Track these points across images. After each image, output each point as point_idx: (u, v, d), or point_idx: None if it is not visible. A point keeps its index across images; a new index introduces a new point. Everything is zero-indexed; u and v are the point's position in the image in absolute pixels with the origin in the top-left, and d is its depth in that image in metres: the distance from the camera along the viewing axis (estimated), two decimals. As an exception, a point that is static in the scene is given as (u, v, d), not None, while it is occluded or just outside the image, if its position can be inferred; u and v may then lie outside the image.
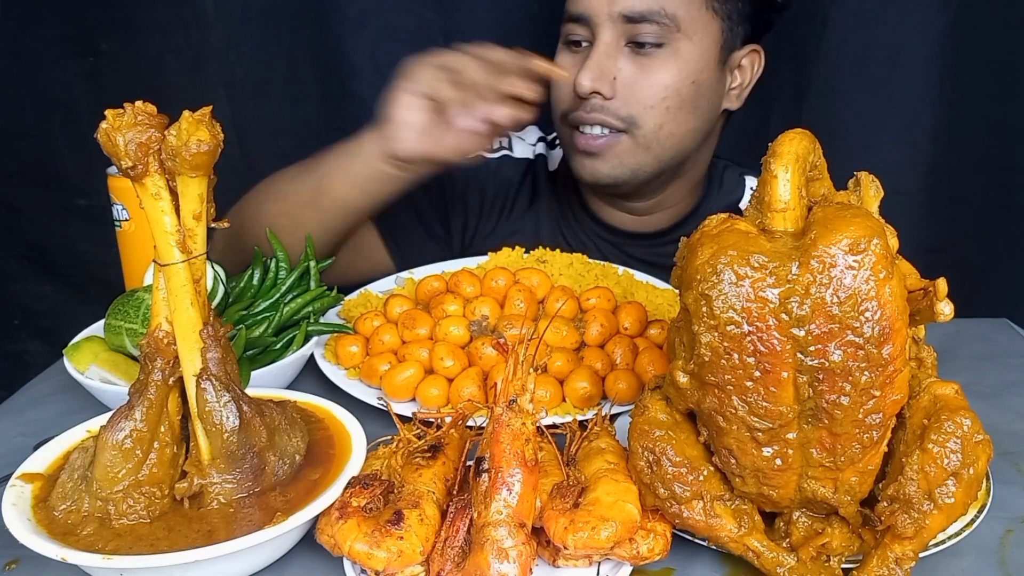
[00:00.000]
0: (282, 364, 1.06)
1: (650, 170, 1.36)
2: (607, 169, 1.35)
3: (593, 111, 1.31)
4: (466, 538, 0.72)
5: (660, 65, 1.29)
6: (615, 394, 1.01)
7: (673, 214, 1.49)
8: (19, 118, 1.85)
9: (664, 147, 1.34)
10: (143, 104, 0.72)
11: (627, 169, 1.35)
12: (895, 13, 1.63)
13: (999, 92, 1.66)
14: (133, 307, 1.06)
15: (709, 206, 1.49)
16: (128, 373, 1.05)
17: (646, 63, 1.29)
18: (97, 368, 1.05)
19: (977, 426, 0.70)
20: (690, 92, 1.31)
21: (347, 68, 1.76)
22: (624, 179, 1.36)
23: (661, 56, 1.29)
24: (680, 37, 1.28)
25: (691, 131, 1.35)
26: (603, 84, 1.29)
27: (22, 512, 0.75)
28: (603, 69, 1.29)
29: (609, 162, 1.35)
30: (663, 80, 1.29)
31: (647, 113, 1.30)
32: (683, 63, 1.30)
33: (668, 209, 1.48)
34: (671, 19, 1.27)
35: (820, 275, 0.66)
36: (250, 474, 0.78)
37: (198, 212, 0.74)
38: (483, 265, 1.27)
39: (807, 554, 0.73)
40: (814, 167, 0.74)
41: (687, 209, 1.49)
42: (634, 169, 1.35)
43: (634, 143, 1.33)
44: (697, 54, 1.30)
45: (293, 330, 1.10)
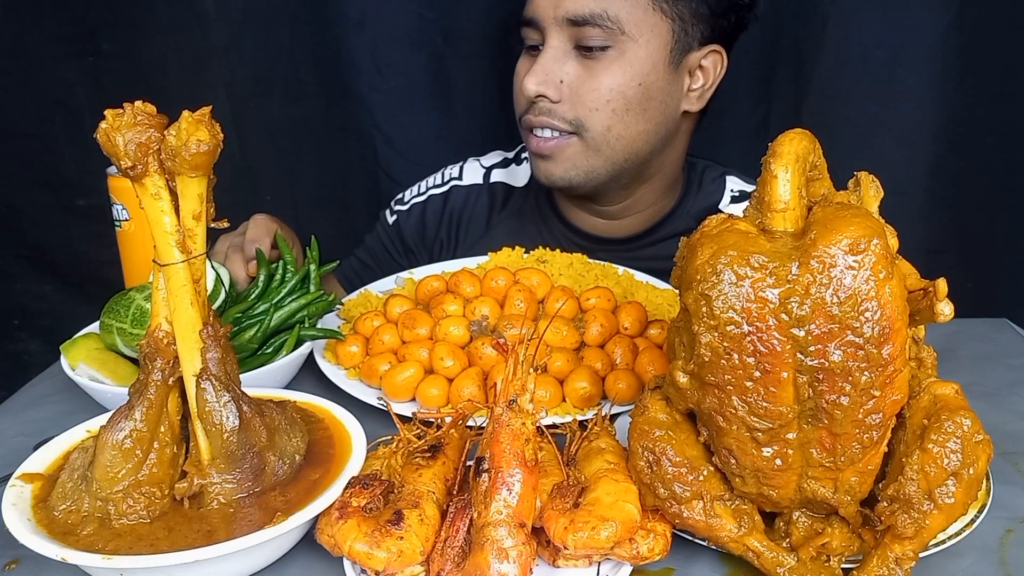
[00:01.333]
0: (269, 369, 1.05)
1: (604, 172, 1.36)
2: (560, 172, 1.37)
3: (541, 114, 1.33)
4: (466, 538, 0.72)
5: (604, 68, 1.30)
6: (615, 394, 1.01)
7: (646, 218, 1.49)
8: (19, 118, 1.85)
9: (614, 149, 1.34)
10: (143, 104, 0.72)
11: (580, 171, 1.36)
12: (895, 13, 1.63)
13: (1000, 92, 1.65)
14: (124, 306, 1.07)
15: (686, 209, 1.49)
16: (116, 372, 1.05)
17: (592, 66, 1.30)
18: (85, 366, 1.06)
19: (977, 426, 0.70)
20: (637, 94, 1.31)
21: (347, 68, 1.76)
22: (579, 182, 1.37)
23: (606, 59, 1.30)
24: (625, 39, 1.29)
25: (642, 133, 1.35)
26: (549, 88, 1.31)
27: (22, 512, 0.75)
28: (549, 72, 1.31)
29: (562, 164, 1.36)
30: (607, 83, 1.30)
31: (593, 116, 1.31)
32: (628, 65, 1.30)
33: (640, 213, 1.48)
34: (614, 22, 1.27)
35: (820, 275, 0.66)
36: (250, 474, 0.78)
37: (198, 212, 0.74)
38: (483, 265, 1.27)
39: (807, 554, 0.73)
40: (814, 167, 0.74)
41: (661, 212, 1.49)
42: (587, 171, 1.36)
43: (584, 145, 1.34)
44: (643, 56, 1.30)
45: (286, 334, 1.10)
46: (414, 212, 1.60)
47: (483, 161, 1.61)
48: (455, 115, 1.81)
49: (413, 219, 1.60)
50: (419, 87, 1.79)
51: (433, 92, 1.79)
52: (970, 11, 1.60)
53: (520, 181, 1.58)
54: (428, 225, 1.59)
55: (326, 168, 1.87)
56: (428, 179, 1.62)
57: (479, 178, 1.59)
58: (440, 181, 1.61)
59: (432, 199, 1.59)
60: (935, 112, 1.68)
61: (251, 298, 1.14)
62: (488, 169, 1.60)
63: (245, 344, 1.08)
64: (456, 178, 1.60)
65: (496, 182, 1.59)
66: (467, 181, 1.58)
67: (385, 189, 1.81)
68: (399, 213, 1.62)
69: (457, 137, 1.81)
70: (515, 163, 1.60)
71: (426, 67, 1.77)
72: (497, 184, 1.58)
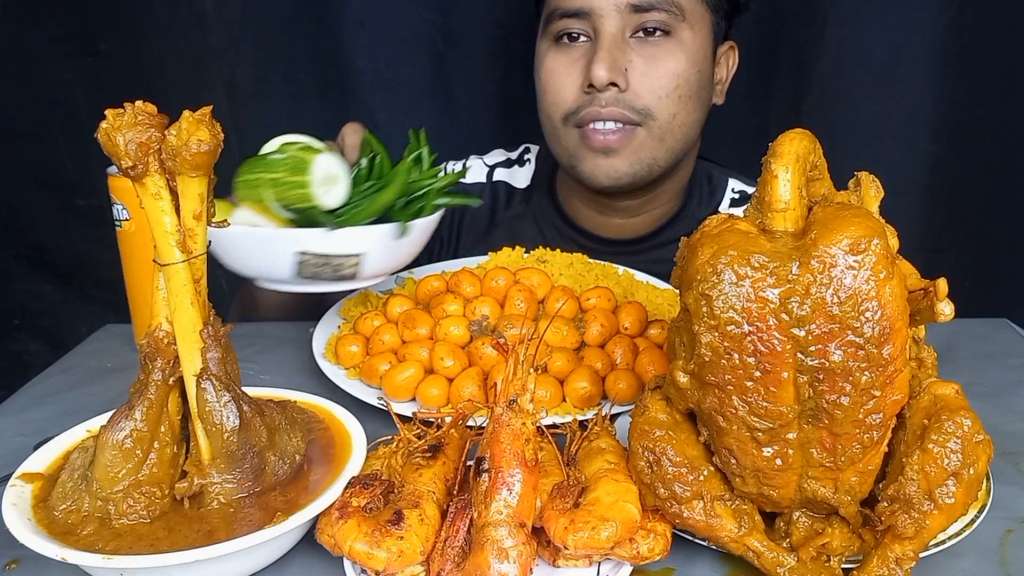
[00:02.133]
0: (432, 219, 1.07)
1: (664, 163, 1.35)
2: (626, 166, 1.33)
3: (609, 104, 1.29)
4: (466, 538, 0.72)
5: (668, 53, 1.29)
6: (615, 394, 1.01)
7: (655, 218, 1.48)
8: (19, 118, 1.85)
9: (677, 138, 1.33)
10: (143, 104, 0.72)
11: (644, 164, 1.34)
12: (895, 13, 1.63)
13: (1000, 92, 1.66)
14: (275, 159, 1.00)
15: (691, 211, 1.48)
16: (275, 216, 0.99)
17: (654, 52, 1.28)
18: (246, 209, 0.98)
19: (977, 426, 0.70)
20: (696, 81, 1.31)
21: (347, 68, 1.76)
22: (642, 175, 1.35)
23: (668, 45, 1.28)
24: (684, 26, 1.28)
25: (697, 121, 1.35)
26: (618, 75, 1.27)
27: (22, 512, 0.75)
28: (616, 60, 1.27)
29: (627, 158, 1.33)
30: (674, 68, 1.28)
31: (661, 103, 1.29)
32: (689, 51, 1.30)
33: (652, 212, 1.47)
34: (677, 7, 1.27)
35: (820, 275, 0.66)
36: (250, 474, 0.78)
37: (198, 212, 0.74)
38: (483, 265, 1.27)
39: (807, 554, 0.73)
40: (814, 167, 0.74)
41: (669, 213, 1.48)
42: (650, 163, 1.34)
43: (649, 135, 1.31)
44: (698, 43, 1.31)
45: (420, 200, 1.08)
46: None
47: (486, 159, 1.60)
48: (455, 115, 1.82)
49: None
50: (419, 87, 1.79)
51: (433, 92, 1.80)
52: (970, 11, 1.60)
53: (521, 183, 1.57)
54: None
55: (326, 168, 1.87)
56: None
57: (482, 176, 1.58)
58: None
59: None
60: (935, 112, 1.69)
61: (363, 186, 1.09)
62: (491, 168, 1.59)
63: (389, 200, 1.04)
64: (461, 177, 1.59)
65: (499, 181, 1.58)
66: (470, 179, 1.57)
67: (385, 189, 1.81)
68: None
69: (457, 137, 1.81)
70: (517, 164, 1.59)
71: (426, 67, 1.77)
72: (500, 183, 1.57)
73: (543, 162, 1.57)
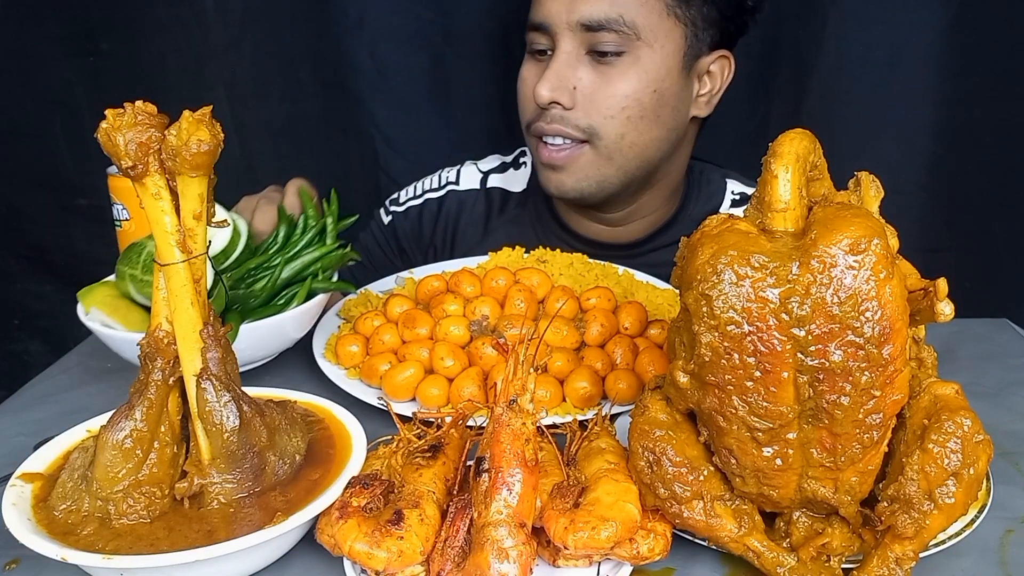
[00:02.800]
0: (280, 319, 1.05)
1: (616, 181, 1.35)
2: (572, 182, 1.35)
3: (553, 121, 1.31)
4: (466, 538, 0.72)
5: (620, 74, 1.28)
6: (615, 394, 1.01)
7: (649, 223, 1.48)
8: (19, 118, 1.85)
9: (627, 157, 1.33)
10: (143, 104, 0.72)
11: (592, 182, 1.34)
12: (895, 13, 1.63)
13: (1000, 92, 1.65)
14: (136, 253, 1.07)
15: (688, 214, 1.48)
16: (127, 319, 1.05)
17: (606, 72, 1.28)
18: (97, 311, 1.06)
19: (977, 426, 0.70)
20: (651, 101, 1.30)
21: (347, 68, 1.76)
22: (591, 192, 1.35)
23: (621, 65, 1.28)
24: (640, 45, 1.27)
25: (654, 140, 1.33)
26: (562, 94, 1.28)
27: (22, 512, 0.75)
28: (562, 78, 1.28)
29: (574, 175, 1.34)
30: (623, 89, 1.28)
31: (607, 123, 1.29)
32: (643, 72, 1.28)
33: (644, 218, 1.47)
34: (630, 27, 1.26)
35: (820, 275, 0.66)
36: (250, 474, 0.78)
37: (198, 212, 0.74)
38: (483, 265, 1.27)
39: (807, 554, 0.73)
40: (814, 167, 0.74)
41: (664, 217, 1.48)
42: (599, 181, 1.34)
43: (596, 154, 1.32)
44: (658, 62, 1.29)
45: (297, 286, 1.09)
46: (410, 214, 1.59)
47: (480, 165, 1.60)
48: (455, 115, 1.82)
49: (409, 221, 1.59)
50: (419, 87, 1.79)
51: (433, 92, 1.79)
52: (969, 11, 1.60)
53: (517, 186, 1.57)
54: (424, 229, 1.58)
55: (326, 168, 1.87)
56: (424, 181, 1.61)
57: (476, 183, 1.58)
58: (437, 185, 1.59)
59: (428, 203, 1.58)
60: (935, 112, 1.69)
61: (270, 252, 1.13)
62: (485, 174, 1.59)
63: (256, 293, 1.07)
64: (453, 183, 1.58)
65: (493, 187, 1.57)
66: (464, 186, 1.57)
67: (385, 189, 1.81)
68: (395, 214, 1.61)
69: (457, 137, 1.81)
70: (513, 167, 1.58)
71: (426, 67, 1.77)
72: (494, 189, 1.57)
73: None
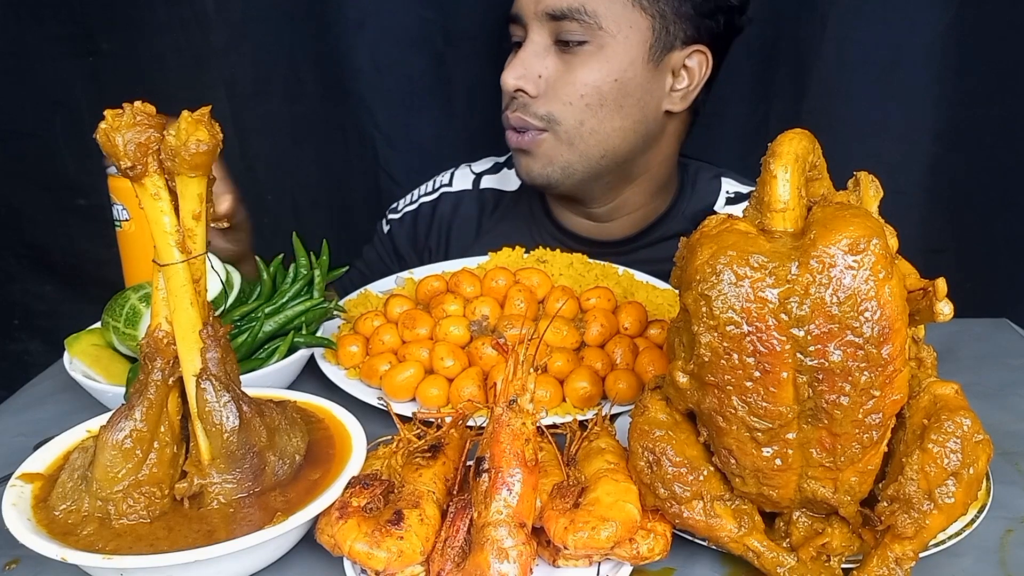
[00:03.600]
0: (261, 374, 1.04)
1: (581, 169, 1.36)
2: (538, 168, 1.37)
3: (517, 110, 1.33)
4: (466, 538, 0.72)
5: (581, 63, 1.30)
6: (615, 394, 1.01)
7: (638, 220, 1.48)
8: (19, 118, 1.84)
9: (588, 144, 1.34)
10: (142, 104, 0.72)
11: (556, 167, 1.36)
12: (895, 13, 1.63)
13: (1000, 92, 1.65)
14: (119, 305, 1.07)
15: (680, 211, 1.48)
16: (108, 370, 1.06)
17: (570, 60, 1.30)
18: (79, 362, 1.07)
19: (977, 426, 0.70)
20: (612, 90, 1.31)
21: (347, 68, 1.76)
22: (557, 178, 1.37)
23: (584, 54, 1.30)
24: (603, 35, 1.29)
25: (617, 130, 1.34)
26: (528, 83, 1.31)
27: (22, 512, 0.75)
28: (528, 67, 1.31)
29: (539, 160, 1.36)
30: (583, 77, 1.30)
31: (566, 110, 1.31)
32: (605, 61, 1.30)
33: (631, 215, 1.47)
34: (592, 17, 1.28)
35: (820, 275, 0.66)
36: (250, 474, 0.78)
37: (198, 212, 0.74)
38: (483, 265, 1.27)
39: (807, 554, 0.73)
40: (814, 167, 0.74)
41: (655, 214, 1.48)
42: (563, 167, 1.36)
43: (556, 140, 1.34)
44: (621, 52, 1.30)
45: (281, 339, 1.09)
46: (406, 220, 1.61)
47: (474, 167, 1.61)
48: (455, 115, 1.81)
49: (405, 227, 1.60)
50: (419, 87, 1.79)
51: (433, 92, 1.79)
52: (969, 11, 1.60)
53: (511, 185, 1.57)
54: (419, 232, 1.59)
55: (326, 168, 1.87)
56: (421, 187, 1.63)
57: (468, 184, 1.59)
58: (431, 189, 1.61)
59: (423, 207, 1.60)
60: (934, 112, 1.68)
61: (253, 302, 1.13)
62: (478, 175, 1.60)
63: (236, 347, 1.07)
64: (446, 185, 1.60)
65: (486, 188, 1.58)
66: (456, 187, 1.58)
67: (385, 189, 1.81)
68: (392, 222, 1.62)
69: (457, 137, 1.81)
70: (506, 167, 1.59)
71: (426, 67, 1.77)
72: (487, 190, 1.58)
73: None
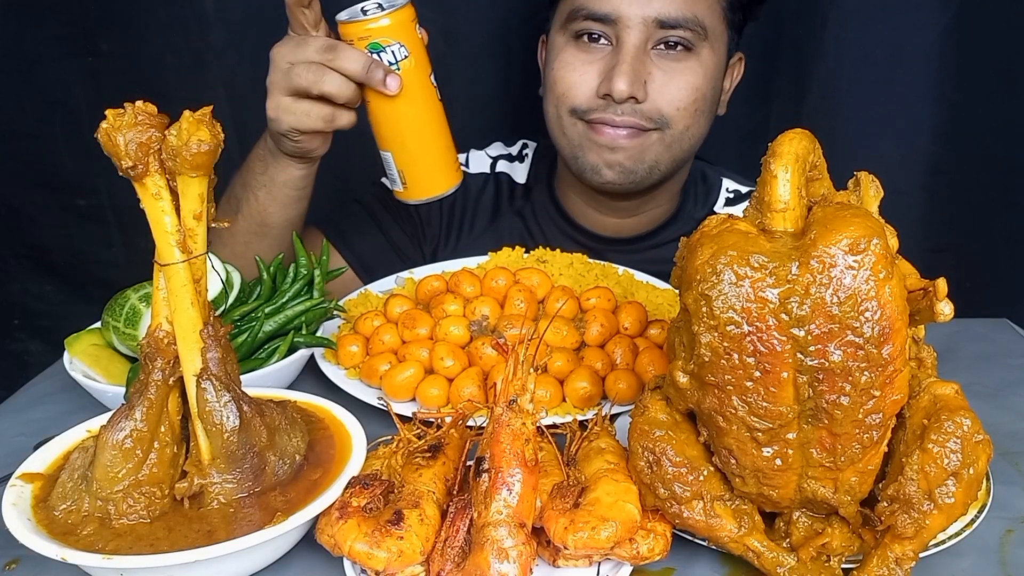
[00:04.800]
0: (261, 373, 1.04)
1: (664, 168, 1.37)
2: (630, 163, 1.35)
3: (625, 114, 1.31)
4: (466, 538, 0.72)
5: (688, 69, 1.31)
6: (615, 394, 1.01)
7: (653, 218, 1.49)
8: (19, 118, 1.85)
9: (684, 148, 1.36)
10: (143, 104, 0.72)
11: (646, 165, 1.36)
12: (895, 13, 1.63)
13: (1000, 92, 1.66)
14: (119, 305, 1.07)
15: (688, 212, 1.50)
16: (108, 370, 1.05)
17: (675, 67, 1.31)
18: (79, 362, 1.06)
19: (977, 426, 0.70)
20: (709, 96, 1.35)
21: (347, 68, 1.76)
22: (642, 175, 1.36)
23: (689, 61, 1.31)
24: (705, 44, 1.31)
25: (704, 133, 1.39)
26: (638, 88, 1.29)
27: (22, 512, 0.75)
28: (637, 73, 1.29)
29: (632, 155, 1.35)
30: (693, 82, 1.31)
31: (678, 114, 1.32)
32: (707, 68, 1.33)
33: (649, 212, 1.48)
34: (701, 27, 1.29)
35: (820, 275, 0.66)
36: (250, 474, 0.78)
37: (198, 212, 0.74)
38: (483, 265, 1.27)
39: (807, 554, 0.73)
40: (814, 167, 0.74)
41: (666, 214, 1.50)
42: (652, 165, 1.36)
43: (661, 141, 1.34)
44: (716, 60, 1.34)
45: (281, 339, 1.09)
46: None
47: (489, 151, 1.60)
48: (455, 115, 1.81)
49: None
50: (419, 87, 1.78)
51: (433, 92, 1.79)
52: (969, 11, 1.60)
53: (520, 178, 1.57)
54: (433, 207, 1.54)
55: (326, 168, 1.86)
56: None
57: (486, 167, 1.58)
58: None
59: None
60: (934, 111, 1.69)
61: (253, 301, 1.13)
62: (494, 159, 1.59)
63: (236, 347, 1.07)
64: (464, 164, 1.55)
65: (502, 172, 1.58)
66: (474, 169, 1.57)
67: (385, 189, 1.81)
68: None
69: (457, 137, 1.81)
70: (517, 160, 1.59)
71: (426, 67, 1.77)
72: (503, 175, 1.57)
73: (540, 159, 1.57)
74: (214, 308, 0.80)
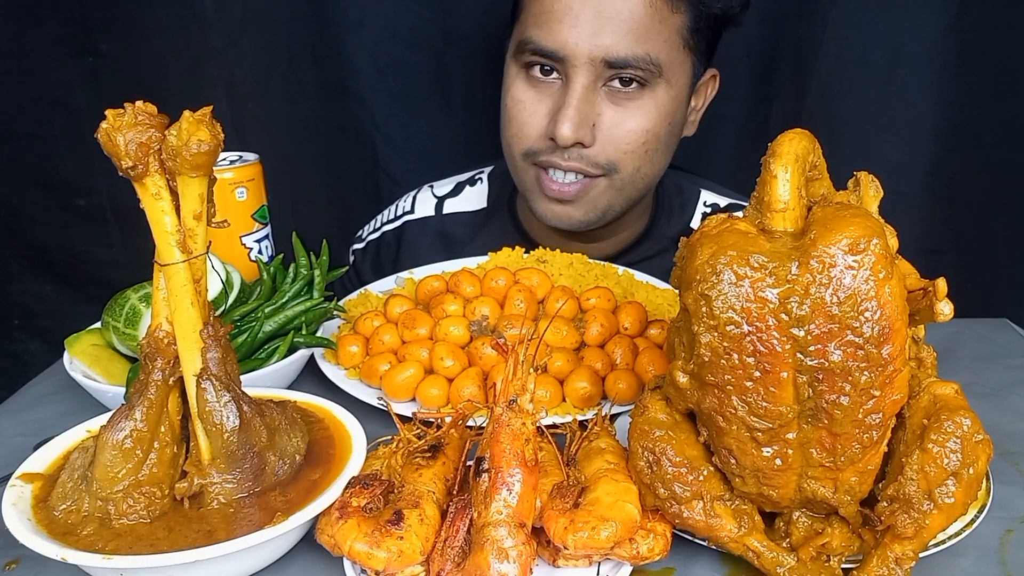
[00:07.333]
0: (261, 373, 1.04)
1: (619, 209, 1.34)
2: (580, 214, 1.32)
3: (572, 159, 1.27)
4: (466, 538, 0.72)
5: (639, 109, 1.25)
6: (615, 394, 1.01)
7: (620, 241, 1.46)
8: (19, 118, 1.85)
9: (637, 188, 1.33)
10: (143, 104, 0.72)
11: (598, 212, 1.33)
12: (895, 13, 1.63)
13: (1000, 92, 1.65)
14: (119, 305, 1.07)
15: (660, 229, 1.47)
16: (108, 370, 1.05)
17: (625, 105, 1.25)
18: (79, 362, 1.06)
19: (977, 426, 0.70)
20: (665, 132, 1.29)
21: (347, 68, 1.76)
22: (594, 221, 1.34)
23: (641, 100, 1.25)
24: (660, 81, 1.25)
25: (661, 168, 1.34)
26: (585, 133, 1.24)
27: (22, 512, 0.75)
28: (584, 116, 1.23)
29: (583, 207, 1.32)
30: (644, 124, 1.26)
31: (626, 158, 1.28)
32: (661, 106, 1.27)
33: (616, 237, 1.45)
34: (654, 64, 1.23)
35: (820, 275, 0.66)
36: (250, 474, 0.78)
37: (198, 212, 0.74)
38: (483, 265, 1.27)
39: (807, 554, 0.73)
40: (814, 167, 0.74)
41: (635, 235, 1.47)
42: (605, 210, 1.33)
43: (610, 186, 1.30)
44: (673, 95, 1.28)
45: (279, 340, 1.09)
46: (369, 249, 1.56)
47: (436, 190, 1.56)
48: (455, 115, 1.82)
49: (369, 257, 1.56)
50: (419, 87, 1.79)
51: (433, 92, 1.79)
52: (969, 11, 1.60)
53: (477, 204, 1.53)
54: (383, 261, 1.54)
55: (326, 168, 1.87)
56: (383, 213, 1.58)
57: (431, 210, 1.53)
58: (392, 216, 1.55)
59: (385, 235, 1.54)
60: (935, 112, 1.69)
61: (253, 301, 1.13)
62: (440, 199, 1.54)
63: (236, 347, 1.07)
64: (408, 212, 1.54)
65: (449, 213, 1.53)
66: (419, 214, 1.53)
67: (385, 189, 1.81)
68: (356, 252, 1.57)
69: (457, 137, 1.81)
70: (468, 184, 1.54)
71: (426, 67, 1.77)
72: (450, 216, 1.53)
73: (497, 182, 1.53)
74: (214, 308, 0.80)
